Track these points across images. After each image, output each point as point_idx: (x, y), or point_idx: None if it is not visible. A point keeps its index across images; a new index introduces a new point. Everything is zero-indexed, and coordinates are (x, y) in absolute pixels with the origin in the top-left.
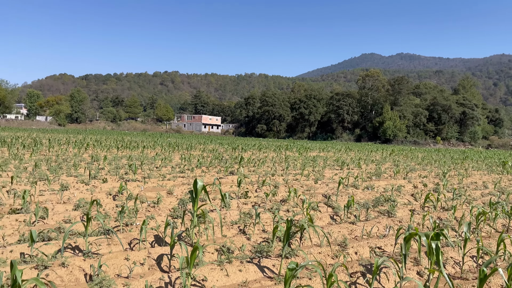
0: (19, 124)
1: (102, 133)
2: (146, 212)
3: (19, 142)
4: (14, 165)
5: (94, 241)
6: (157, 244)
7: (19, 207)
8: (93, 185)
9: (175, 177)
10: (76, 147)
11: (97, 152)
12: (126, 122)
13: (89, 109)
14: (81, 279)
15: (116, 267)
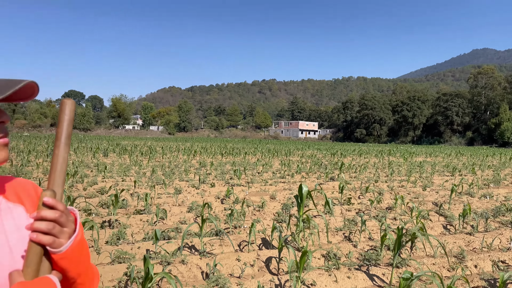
0: (135, 133)
1: (207, 141)
2: (252, 216)
3: (137, 150)
4: (135, 171)
5: (208, 241)
6: (265, 247)
7: (142, 208)
8: (202, 189)
9: (276, 182)
10: (185, 154)
11: (203, 158)
12: (228, 130)
13: (194, 119)
14: (199, 276)
15: (229, 267)
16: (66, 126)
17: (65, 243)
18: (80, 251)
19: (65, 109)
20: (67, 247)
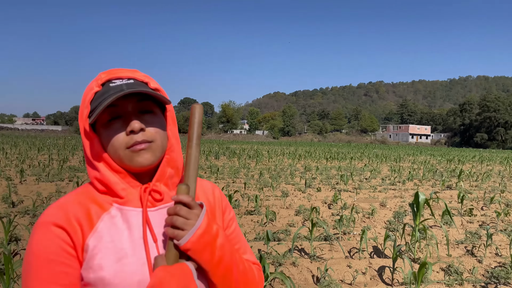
0: (242, 138)
1: (310, 145)
2: (361, 223)
3: (245, 153)
4: (244, 173)
5: (317, 245)
6: (376, 255)
7: (252, 209)
8: (308, 193)
9: (386, 189)
10: (290, 158)
11: (308, 162)
12: (332, 134)
13: (298, 123)
14: (309, 279)
15: (340, 273)
16: (196, 128)
17: (184, 235)
18: (206, 246)
19: (195, 113)
20: (186, 240)
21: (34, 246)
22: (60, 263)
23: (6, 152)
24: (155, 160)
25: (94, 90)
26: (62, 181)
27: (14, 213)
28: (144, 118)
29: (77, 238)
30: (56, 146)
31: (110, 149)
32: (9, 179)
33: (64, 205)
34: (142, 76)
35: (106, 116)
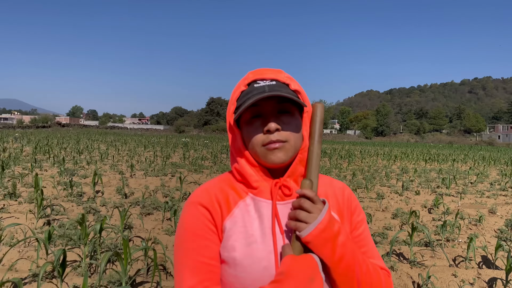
0: (333, 137)
1: (407, 146)
2: (467, 230)
3: (336, 153)
4: (336, 173)
5: (417, 251)
6: (486, 266)
7: None
8: (406, 196)
9: (495, 194)
10: (384, 159)
11: (404, 164)
12: (430, 134)
13: (393, 122)
14: (409, 285)
15: (444, 282)
16: (318, 126)
17: (306, 228)
18: (327, 242)
19: (316, 111)
20: (307, 233)
21: (184, 221)
22: (204, 238)
23: (118, 148)
24: (286, 159)
25: (241, 89)
26: (166, 176)
27: (127, 203)
28: (282, 119)
29: (217, 218)
30: (159, 144)
31: (249, 144)
32: (121, 173)
33: (209, 189)
34: (285, 77)
35: (248, 114)
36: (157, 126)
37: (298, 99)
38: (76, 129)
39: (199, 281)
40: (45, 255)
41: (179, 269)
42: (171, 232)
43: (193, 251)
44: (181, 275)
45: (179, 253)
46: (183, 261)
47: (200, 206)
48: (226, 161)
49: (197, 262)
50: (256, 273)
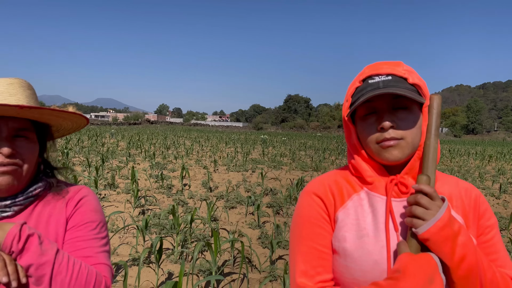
0: None
1: (503, 145)
2: None
3: None
4: None
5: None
6: None
7: None
8: (504, 199)
9: None
10: (477, 158)
11: (501, 164)
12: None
13: (486, 119)
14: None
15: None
16: (435, 119)
17: (423, 225)
18: (446, 240)
19: (433, 103)
20: (425, 229)
21: (299, 210)
22: (318, 226)
23: (202, 144)
24: (402, 157)
25: (355, 85)
26: (247, 171)
27: (212, 196)
28: (397, 115)
29: (330, 208)
30: (239, 141)
31: (363, 140)
32: (205, 168)
33: (324, 180)
34: (403, 71)
35: (362, 111)
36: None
37: (412, 95)
38: (163, 126)
39: (312, 266)
40: (142, 241)
41: (293, 255)
42: (255, 226)
43: (307, 237)
44: (295, 261)
45: (294, 239)
46: (297, 247)
47: (314, 196)
48: (304, 158)
49: (310, 248)
50: (366, 266)
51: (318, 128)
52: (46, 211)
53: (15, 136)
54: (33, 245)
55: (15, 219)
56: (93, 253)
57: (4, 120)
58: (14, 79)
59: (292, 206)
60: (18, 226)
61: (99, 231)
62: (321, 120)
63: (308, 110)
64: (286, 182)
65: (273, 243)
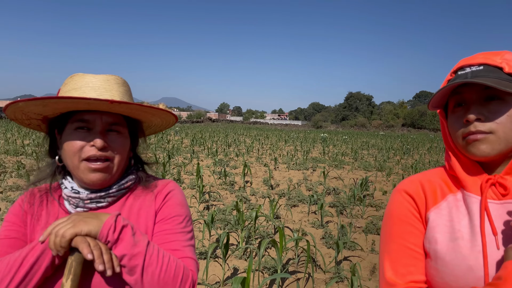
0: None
1: None
2: None
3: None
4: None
5: None
6: None
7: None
8: None
9: None
10: None
11: None
12: None
13: None
14: None
15: None
16: None
17: None
18: None
19: None
20: None
21: (390, 208)
22: (409, 224)
23: (261, 142)
24: (491, 152)
25: (448, 78)
26: (307, 170)
27: (273, 194)
28: (489, 107)
29: (421, 207)
30: (299, 139)
31: (453, 135)
32: (266, 165)
33: (417, 178)
34: (500, 60)
35: (452, 103)
36: (295, 121)
37: (501, 85)
38: (224, 124)
39: (402, 265)
40: (208, 235)
41: (382, 253)
42: (318, 226)
43: (397, 236)
44: (384, 259)
45: (384, 238)
46: (387, 246)
47: (405, 194)
48: (367, 158)
49: (401, 246)
50: (459, 271)
51: (381, 127)
52: (137, 204)
53: (108, 130)
54: (127, 236)
55: (109, 210)
56: (180, 247)
57: (98, 115)
58: (110, 76)
59: (356, 206)
60: (114, 217)
61: (185, 225)
62: (384, 118)
63: (370, 108)
64: (349, 182)
65: (339, 243)
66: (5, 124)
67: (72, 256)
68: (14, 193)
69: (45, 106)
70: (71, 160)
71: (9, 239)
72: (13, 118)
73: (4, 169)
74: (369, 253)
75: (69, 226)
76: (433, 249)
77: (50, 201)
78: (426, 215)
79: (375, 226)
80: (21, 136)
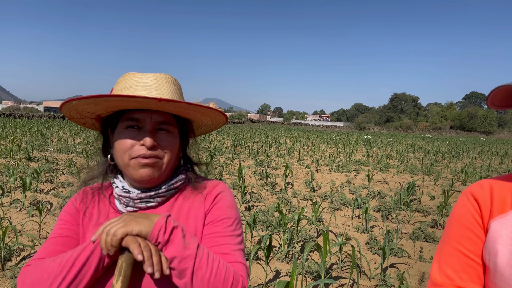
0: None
1: None
2: None
3: None
4: None
5: None
6: None
7: None
8: None
9: None
10: None
11: None
12: None
13: None
14: None
15: None
16: None
17: None
18: None
19: None
20: None
21: (453, 208)
22: (468, 228)
23: (303, 144)
24: None
25: None
26: (350, 172)
27: (315, 196)
28: None
29: (485, 214)
30: (341, 141)
31: None
32: (307, 167)
33: (488, 183)
34: None
35: None
36: (337, 122)
37: None
38: (265, 124)
39: (454, 270)
40: (250, 237)
41: (437, 254)
42: (362, 230)
43: (453, 238)
44: (435, 259)
45: (442, 238)
46: (442, 247)
47: (471, 197)
48: (413, 161)
49: (455, 250)
50: None
51: (428, 129)
52: (186, 205)
53: (158, 129)
54: (177, 237)
55: (158, 210)
56: (230, 251)
57: (148, 113)
58: (161, 75)
59: (403, 211)
60: (164, 218)
61: (235, 228)
62: (430, 120)
63: (416, 110)
64: (394, 186)
65: (385, 249)
66: (57, 124)
67: (122, 257)
68: (66, 189)
69: (97, 105)
70: (121, 159)
71: (62, 237)
72: (69, 117)
73: (56, 166)
74: (417, 261)
75: (120, 225)
76: (493, 261)
77: (102, 200)
78: (488, 223)
79: (423, 233)
80: (72, 135)
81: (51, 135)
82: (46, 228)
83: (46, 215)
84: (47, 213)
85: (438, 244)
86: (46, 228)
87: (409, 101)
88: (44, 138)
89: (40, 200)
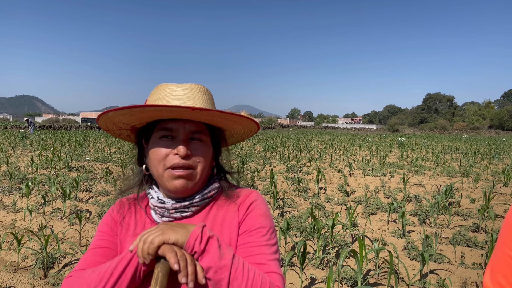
0: None
1: None
2: None
3: None
4: None
5: None
6: None
7: None
8: None
9: None
10: None
11: None
12: None
13: None
14: None
15: None
16: None
17: None
18: None
19: None
20: None
21: (508, 213)
22: None
23: (334, 147)
24: None
25: None
26: (384, 176)
27: (349, 201)
28: None
29: None
30: (374, 143)
31: None
32: (340, 171)
33: None
34: None
35: None
36: (370, 125)
37: None
38: (295, 129)
39: (503, 275)
40: (284, 243)
41: (490, 260)
42: (398, 235)
43: (503, 242)
44: (489, 267)
45: (495, 245)
46: (494, 253)
47: None
48: (450, 163)
49: (504, 255)
50: None
51: (464, 129)
52: (220, 214)
53: (191, 138)
54: (213, 247)
55: (193, 220)
56: (265, 261)
57: (181, 123)
58: (194, 85)
59: (441, 215)
60: (200, 227)
61: (270, 237)
62: (467, 120)
63: (451, 110)
64: (431, 189)
65: (424, 255)
66: (94, 134)
67: (158, 266)
68: (103, 197)
69: (132, 116)
70: (156, 169)
71: (100, 249)
72: (105, 128)
73: (94, 175)
74: (458, 267)
75: (158, 233)
76: None
77: (138, 211)
78: None
79: (464, 237)
80: (108, 144)
81: (88, 145)
82: (86, 235)
83: (86, 223)
84: (86, 221)
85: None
86: (86, 236)
87: (444, 101)
88: (82, 148)
89: (79, 209)
